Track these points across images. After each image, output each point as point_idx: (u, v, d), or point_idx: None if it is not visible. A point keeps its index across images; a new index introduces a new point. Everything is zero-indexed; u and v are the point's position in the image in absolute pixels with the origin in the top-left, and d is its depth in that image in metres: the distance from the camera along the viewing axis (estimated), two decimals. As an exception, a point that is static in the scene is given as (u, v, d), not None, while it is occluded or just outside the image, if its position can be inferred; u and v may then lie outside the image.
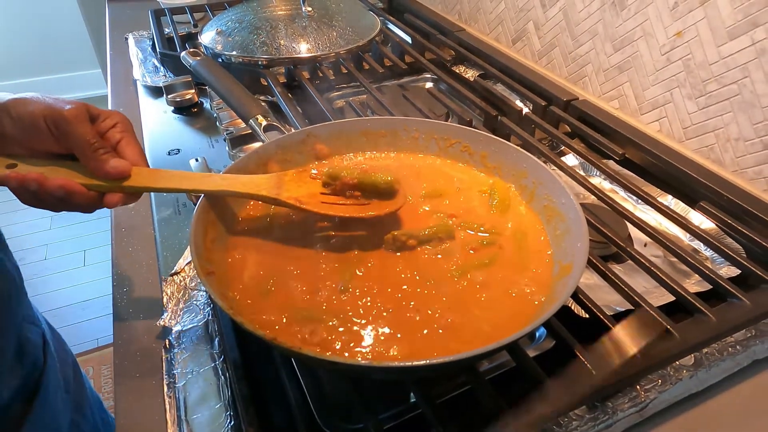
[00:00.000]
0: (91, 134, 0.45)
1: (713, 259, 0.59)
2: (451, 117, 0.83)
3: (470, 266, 0.49)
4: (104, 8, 1.38)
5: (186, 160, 0.76)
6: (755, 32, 0.63)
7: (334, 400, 0.44)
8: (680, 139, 0.76)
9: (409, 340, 0.42)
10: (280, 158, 0.58)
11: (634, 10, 0.78)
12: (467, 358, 0.36)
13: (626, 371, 0.44)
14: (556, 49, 0.95)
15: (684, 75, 0.73)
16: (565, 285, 0.43)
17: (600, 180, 0.71)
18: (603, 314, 0.48)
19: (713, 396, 0.48)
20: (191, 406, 0.46)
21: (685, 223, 0.59)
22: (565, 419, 0.43)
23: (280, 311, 0.44)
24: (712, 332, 0.47)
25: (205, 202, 0.49)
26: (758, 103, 0.65)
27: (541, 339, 0.49)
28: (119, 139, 0.48)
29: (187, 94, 0.91)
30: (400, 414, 0.44)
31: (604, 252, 0.59)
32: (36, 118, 0.44)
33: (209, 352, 0.50)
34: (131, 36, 1.17)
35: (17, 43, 2.78)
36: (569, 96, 0.82)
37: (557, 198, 0.52)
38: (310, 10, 1.00)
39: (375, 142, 0.63)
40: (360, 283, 0.47)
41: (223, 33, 0.97)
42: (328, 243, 0.51)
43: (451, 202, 0.57)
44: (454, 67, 1.01)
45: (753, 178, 0.68)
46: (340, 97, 0.94)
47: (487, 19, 1.12)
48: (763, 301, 0.50)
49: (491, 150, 0.60)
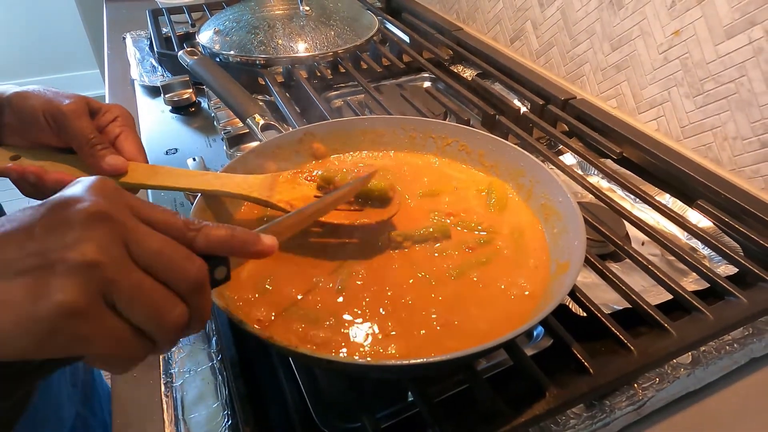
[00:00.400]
0: (89, 129, 0.46)
1: (711, 258, 0.59)
2: (449, 116, 0.83)
3: (467, 265, 0.49)
4: (102, 8, 1.38)
5: (183, 159, 0.76)
6: (752, 31, 0.63)
7: (332, 398, 0.44)
8: (678, 137, 0.77)
9: (406, 338, 0.42)
10: (277, 157, 0.58)
11: (631, 10, 0.78)
12: (464, 357, 0.36)
13: (624, 369, 0.44)
14: (554, 48, 0.95)
15: (681, 74, 0.73)
16: (562, 283, 0.43)
17: (598, 179, 0.71)
18: (600, 313, 0.48)
19: (711, 394, 0.48)
20: (188, 406, 0.46)
21: (683, 221, 0.59)
22: (562, 418, 0.43)
23: (276, 310, 0.43)
24: (710, 330, 0.47)
25: (201, 201, 0.49)
26: (755, 102, 0.65)
27: (538, 338, 0.49)
28: (118, 133, 0.48)
29: (185, 94, 0.91)
30: (398, 413, 0.44)
31: (602, 250, 0.59)
32: (36, 112, 0.45)
33: (206, 351, 0.50)
34: (129, 36, 1.16)
35: (14, 43, 2.77)
36: (567, 95, 0.82)
37: (555, 196, 0.52)
38: (307, 9, 1.00)
39: (372, 142, 0.63)
40: (356, 283, 0.47)
41: (221, 32, 0.97)
42: (324, 242, 0.51)
43: (449, 201, 0.57)
44: (452, 67, 1.01)
45: (750, 177, 0.68)
46: (338, 96, 0.94)
47: (485, 19, 1.12)
48: (761, 299, 0.50)
49: (489, 149, 0.60)
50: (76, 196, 0.28)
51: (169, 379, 0.48)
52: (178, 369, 0.49)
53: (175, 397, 0.46)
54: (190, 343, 0.51)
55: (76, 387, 0.70)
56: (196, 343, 0.51)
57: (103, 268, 0.26)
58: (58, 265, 0.26)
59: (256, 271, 0.47)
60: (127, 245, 0.28)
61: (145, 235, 0.29)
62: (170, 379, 0.48)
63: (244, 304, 0.44)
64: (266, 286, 0.46)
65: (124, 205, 0.29)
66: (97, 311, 0.26)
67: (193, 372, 0.48)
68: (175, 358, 0.50)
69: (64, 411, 0.66)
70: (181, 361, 0.49)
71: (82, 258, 0.26)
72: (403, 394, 0.45)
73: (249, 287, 0.46)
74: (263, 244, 0.34)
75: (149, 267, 0.29)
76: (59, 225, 0.27)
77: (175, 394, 0.47)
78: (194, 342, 0.51)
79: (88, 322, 0.26)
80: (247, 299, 0.45)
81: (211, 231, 0.32)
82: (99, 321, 0.27)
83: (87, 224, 0.27)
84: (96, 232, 0.27)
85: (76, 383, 0.70)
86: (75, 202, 0.28)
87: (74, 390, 0.69)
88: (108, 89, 1.03)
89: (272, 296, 0.45)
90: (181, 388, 0.47)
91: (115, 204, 0.28)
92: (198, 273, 0.30)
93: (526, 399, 0.41)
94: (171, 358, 0.50)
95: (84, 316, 0.26)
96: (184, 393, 0.47)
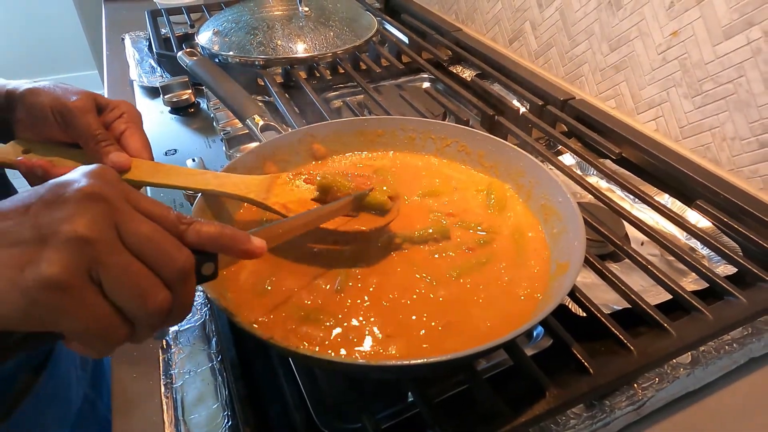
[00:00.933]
0: (95, 125, 0.47)
1: (710, 258, 0.59)
2: (449, 117, 0.83)
3: (467, 266, 0.49)
4: (101, 9, 1.38)
5: (183, 160, 0.76)
6: (750, 31, 0.63)
7: (332, 399, 0.44)
8: (677, 138, 0.77)
9: (406, 339, 0.42)
10: (276, 158, 0.58)
11: (630, 10, 0.78)
12: (464, 357, 0.36)
13: (623, 369, 0.44)
14: (553, 48, 0.95)
15: (680, 74, 0.73)
16: (561, 284, 0.43)
17: (597, 179, 0.71)
18: (600, 313, 0.48)
19: (710, 394, 0.48)
20: (189, 407, 0.45)
21: (682, 221, 0.59)
22: (562, 418, 0.43)
23: (276, 311, 0.43)
24: (709, 330, 0.47)
25: (201, 201, 0.49)
26: (754, 102, 0.65)
27: (538, 338, 0.49)
28: (124, 129, 0.49)
29: (184, 95, 0.91)
30: (398, 413, 0.44)
31: (602, 251, 0.59)
32: (45, 108, 0.47)
33: (207, 352, 0.50)
34: (128, 36, 1.16)
35: (13, 45, 2.77)
36: (566, 95, 0.82)
37: (554, 197, 0.52)
38: (307, 10, 1.00)
39: (372, 142, 0.63)
40: (356, 283, 0.47)
41: (220, 33, 0.97)
42: (324, 244, 0.51)
43: (449, 201, 0.57)
44: (451, 67, 1.01)
45: (749, 177, 0.68)
46: (337, 97, 0.94)
47: (484, 19, 1.12)
48: (760, 299, 0.50)
49: (488, 149, 0.60)
50: (75, 179, 0.29)
51: (169, 380, 0.48)
52: (178, 370, 0.49)
53: (175, 398, 0.46)
54: (190, 344, 0.51)
55: (85, 369, 0.70)
56: (197, 344, 0.51)
57: (92, 245, 0.27)
58: (51, 238, 0.27)
59: (256, 273, 0.47)
60: (118, 227, 0.29)
61: (137, 221, 0.30)
62: (170, 380, 0.48)
63: (244, 305, 0.44)
64: (266, 287, 0.46)
65: (120, 191, 0.30)
66: (80, 286, 0.27)
67: (193, 373, 0.48)
68: (175, 359, 0.49)
69: (71, 392, 0.66)
70: (181, 362, 0.49)
71: (73, 233, 0.27)
72: (403, 395, 0.45)
73: (249, 288, 0.46)
74: (252, 244, 0.35)
75: (138, 251, 0.29)
76: (55, 202, 0.28)
77: (175, 395, 0.47)
78: (194, 343, 0.51)
79: (71, 296, 0.27)
80: (247, 300, 0.45)
81: (202, 226, 0.33)
82: (81, 296, 0.27)
83: (81, 202, 0.28)
84: (89, 211, 0.28)
85: (85, 366, 0.70)
86: (73, 182, 0.29)
87: (83, 372, 0.69)
88: (107, 90, 1.03)
89: (272, 297, 0.45)
90: (181, 389, 0.47)
91: (111, 188, 0.29)
92: (185, 262, 0.31)
93: (526, 399, 0.41)
94: (171, 359, 0.50)
95: (67, 290, 0.26)
96: (184, 394, 0.47)
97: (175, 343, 0.51)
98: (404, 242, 0.51)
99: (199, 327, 0.53)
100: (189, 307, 0.33)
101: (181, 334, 0.52)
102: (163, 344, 0.51)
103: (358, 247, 0.50)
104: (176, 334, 0.52)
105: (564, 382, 0.42)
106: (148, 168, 0.48)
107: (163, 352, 0.50)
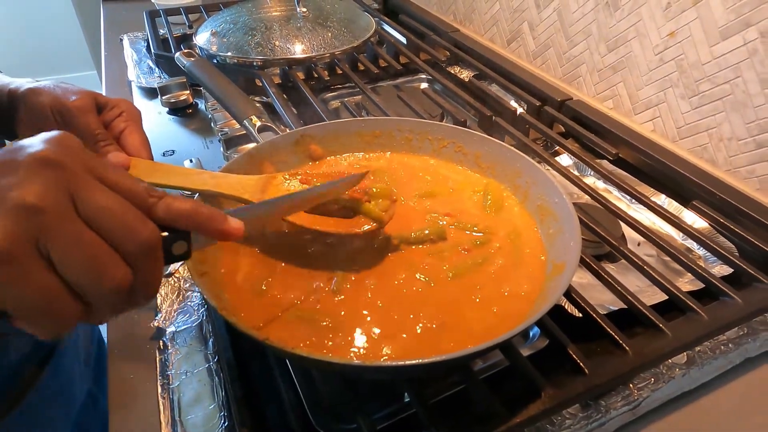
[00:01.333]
0: (95, 125, 0.48)
1: (706, 258, 0.59)
2: (446, 117, 0.84)
3: (463, 266, 0.49)
4: (99, 9, 1.38)
5: (181, 161, 0.76)
6: (747, 32, 0.64)
7: (328, 400, 0.44)
8: (674, 138, 0.77)
9: (402, 339, 0.42)
10: (274, 159, 0.58)
11: (627, 11, 0.79)
12: (460, 357, 0.36)
13: (619, 370, 0.44)
14: (551, 49, 0.96)
15: (677, 75, 0.74)
16: (558, 284, 0.43)
17: (594, 180, 0.72)
18: (596, 313, 0.48)
19: (706, 394, 0.48)
20: (185, 407, 0.46)
21: (678, 222, 0.59)
22: (558, 418, 0.43)
23: (272, 312, 0.44)
24: (705, 330, 0.47)
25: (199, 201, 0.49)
26: (750, 103, 0.65)
27: (534, 338, 0.50)
28: (123, 128, 0.50)
29: (182, 95, 0.91)
30: (394, 413, 0.44)
31: (598, 251, 0.59)
32: (45, 108, 0.47)
33: (203, 353, 0.50)
34: (126, 37, 1.16)
35: (12, 45, 2.77)
36: (563, 96, 0.82)
37: (551, 197, 0.52)
38: (304, 11, 1.00)
39: (369, 143, 0.63)
40: (352, 284, 0.47)
41: (218, 34, 0.97)
42: (320, 245, 0.51)
43: (446, 202, 0.57)
44: (448, 68, 1.01)
45: (746, 177, 0.68)
46: (335, 97, 0.94)
47: (482, 20, 1.12)
48: (756, 299, 0.50)
49: (485, 150, 0.60)
50: (31, 143, 0.27)
51: (166, 380, 0.48)
52: (175, 371, 0.49)
53: (171, 399, 0.46)
54: (187, 345, 0.51)
55: (88, 365, 0.70)
56: (193, 345, 0.51)
57: (41, 214, 0.25)
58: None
59: (251, 273, 0.47)
60: (74, 197, 0.27)
61: (95, 190, 0.27)
62: (167, 381, 0.48)
63: (240, 305, 0.44)
64: (262, 288, 0.46)
65: (80, 159, 0.28)
66: (25, 257, 0.25)
67: (190, 373, 0.48)
68: (172, 360, 0.50)
69: (75, 388, 0.66)
70: (177, 362, 0.49)
71: (20, 200, 0.25)
72: (399, 395, 0.45)
73: (245, 289, 0.46)
74: (229, 224, 0.33)
75: (95, 223, 0.27)
76: (5, 167, 0.26)
77: (171, 395, 0.47)
78: (191, 344, 0.51)
79: (14, 268, 0.25)
80: (243, 301, 0.45)
81: (174, 201, 0.30)
82: (26, 269, 0.25)
83: (32, 168, 0.26)
84: (40, 177, 0.26)
85: (88, 361, 0.70)
86: (27, 147, 0.27)
87: (86, 368, 0.69)
88: (105, 91, 1.03)
89: (268, 298, 0.45)
90: (177, 390, 0.47)
91: (69, 155, 0.27)
92: (150, 236, 0.28)
93: (522, 399, 0.42)
94: (168, 359, 0.50)
95: (9, 262, 0.24)
96: (180, 394, 0.47)
97: (172, 344, 0.51)
98: (401, 243, 0.51)
99: (196, 328, 0.53)
100: (154, 286, 0.30)
101: (178, 335, 0.52)
102: (160, 345, 0.51)
103: (354, 248, 0.50)
104: (173, 335, 0.52)
105: (560, 383, 0.43)
106: (147, 167, 0.49)
107: (160, 353, 0.50)
